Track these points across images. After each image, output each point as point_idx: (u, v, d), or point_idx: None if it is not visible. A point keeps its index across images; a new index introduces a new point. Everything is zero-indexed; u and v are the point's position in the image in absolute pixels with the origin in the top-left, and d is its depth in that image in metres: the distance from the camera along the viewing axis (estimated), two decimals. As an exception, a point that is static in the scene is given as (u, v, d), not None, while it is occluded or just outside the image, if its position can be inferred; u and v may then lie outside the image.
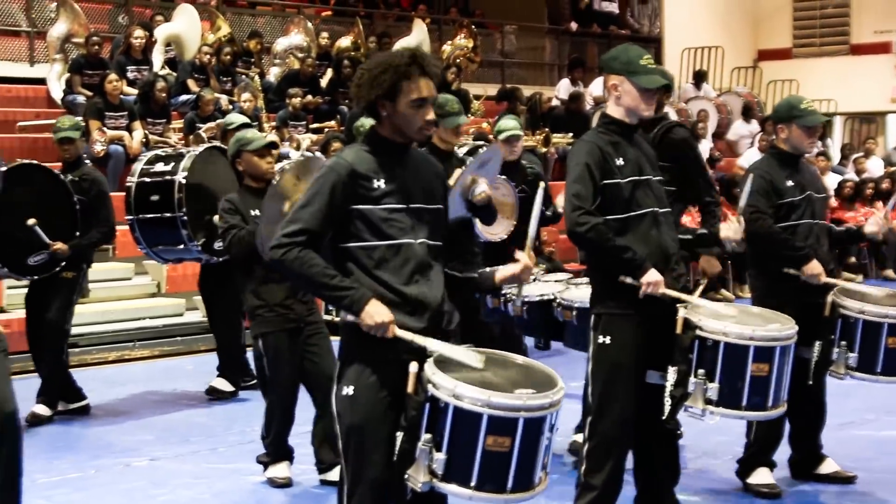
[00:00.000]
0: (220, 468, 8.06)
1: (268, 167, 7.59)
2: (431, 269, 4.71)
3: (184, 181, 9.49)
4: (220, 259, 9.64)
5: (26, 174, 8.91)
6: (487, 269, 5.00)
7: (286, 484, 7.51)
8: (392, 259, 4.61)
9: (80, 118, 11.55)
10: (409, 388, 4.49)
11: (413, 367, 4.50)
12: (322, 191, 4.59)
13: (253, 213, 7.42)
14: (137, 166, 9.97)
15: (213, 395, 10.30)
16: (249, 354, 10.04)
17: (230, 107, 15.83)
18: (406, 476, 4.46)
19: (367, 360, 4.62)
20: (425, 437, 4.44)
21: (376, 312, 4.49)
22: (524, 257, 4.89)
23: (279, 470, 7.56)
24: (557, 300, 7.75)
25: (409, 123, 4.66)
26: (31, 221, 8.86)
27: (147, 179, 9.73)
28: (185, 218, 9.42)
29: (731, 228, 6.67)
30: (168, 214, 9.53)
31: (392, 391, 4.57)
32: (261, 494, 7.47)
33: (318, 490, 7.44)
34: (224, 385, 10.32)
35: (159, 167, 9.77)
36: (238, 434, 8.90)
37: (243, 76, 17.64)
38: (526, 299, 7.84)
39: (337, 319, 7.96)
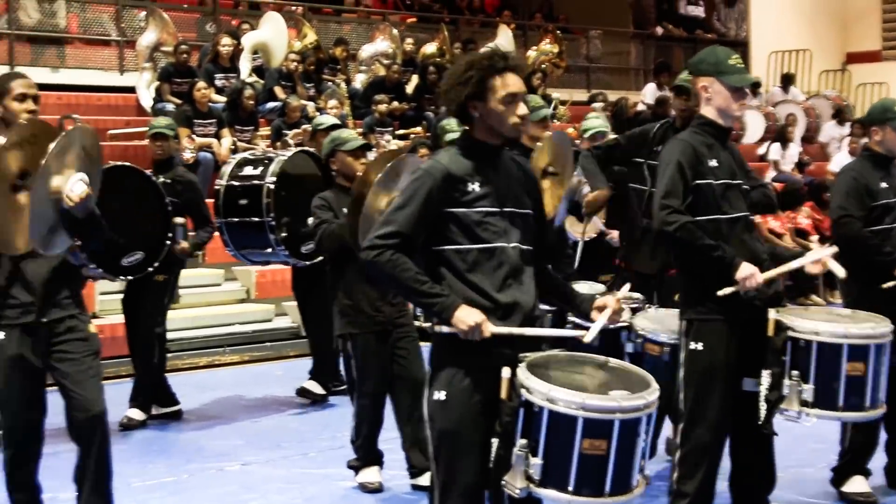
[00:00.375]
0: (311, 473, 8.08)
1: (361, 168, 7.65)
2: (524, 273, 4.69)
3: (272, 186, 9.54)
4: (308, 263, 9.71)
5: (118, 176, 8.97)
6: (586, 296, 4.94)
7: (377, 489, 7.53)
8: (485, 263, 4.60)
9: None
10: (503, 394, 4.47)
11: (506, 372, 4.47)
12: (417, 194, 4.59)
13: (345, 210, 7.46)
14: (226, 169, 10.03)
15: (305, 397, 10.35)
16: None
17: (317, 114, 15.91)
18: (503, 482, 4.45)
19: (460, 365, 4.60)
20: (521, 442, 4.42)
21: (467, 316, 4.47)
22: (613, 301, 4.81)
23: (370, 474, 7.57)
24: (637, 331, 6.93)
25: (502, 120, 4.63)
26: (179, 220, 9.11)
27: (236, 183, 9.79)
28: (273, 223, 9.48)
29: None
30: (256, 219, 9.59)
31: (484, 396, 4.55)
32: (352, 499, 7.49)
33: (410, 495, 7.45)
34: (316, 388, 10.36)
35: (248, 171, 9.83)
36: (329, 439, 8.93)
37: (329, 83, 17.74)
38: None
39: (426, 325, 8.02)
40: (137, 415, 9.47)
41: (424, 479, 7.20)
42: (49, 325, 5.89)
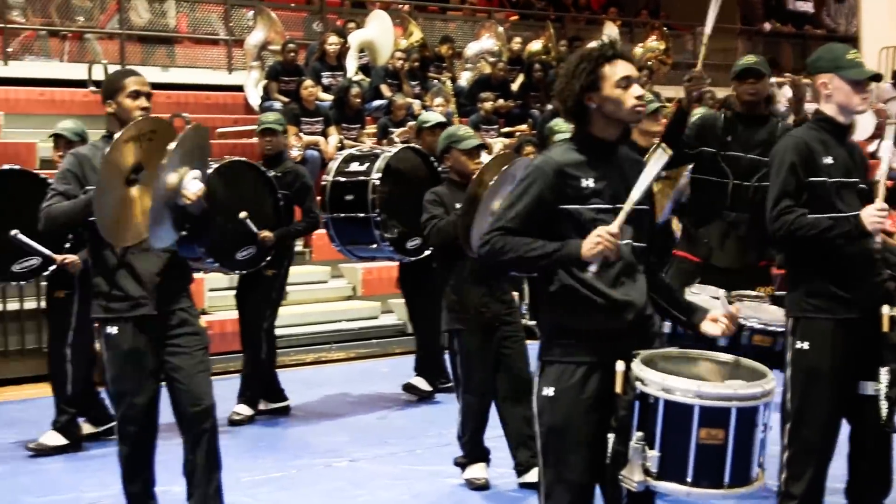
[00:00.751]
0: (418, 470, 8.11)
1: (474, 167, 7.65)
2: (636, 271, 4.64)
3: (378, 182, 9.59)
4: (413, 259, 9.74)
5: (233, 171, 9.09)
6: (699, 310, 4.85)
7: (484, 486, 7.53)
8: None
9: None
10: (618, 388, 4.43)
11: (620, 366, 4.44)
12: (529, 190, 4.56)
13: (457, 205, 7.48)
14: (333, 164, 10.09)
15: (411, 393, 10.38)
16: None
17: (422, 112, 15.96)
18: (620, 477, 4.41)
19: (568, 361, 4.58)
20: (637, 435, 4.37)
21: (589, 242, 4.37)
22: (728, 314, 4.75)
23: (476, 471, 7.58)
24: None
25: (620, 105, 4.57)
26: (242, 214, 9.03)
27: (342, 179, 9.85)
28: (379, 219, 9.53)
29: None
30: (362, 214, 9.65)
31: (593, 392, 4.53)
32: (459, 496, 7.50)
33: (517, 493, 7.43)
34: (422, 384, 10.38)
35: (354, 167, 9.88)
36: (435, 436, 8.94)
37: (435, 81, 17.77)
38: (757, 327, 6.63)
39: (532, 323, 7.99)
40: (245, 410, 9.56)
41: (531, 477, 7.19)
42: (160, 318, 5.96)
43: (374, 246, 9.73)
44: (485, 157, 7.91)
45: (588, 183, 4.56)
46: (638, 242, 4.66)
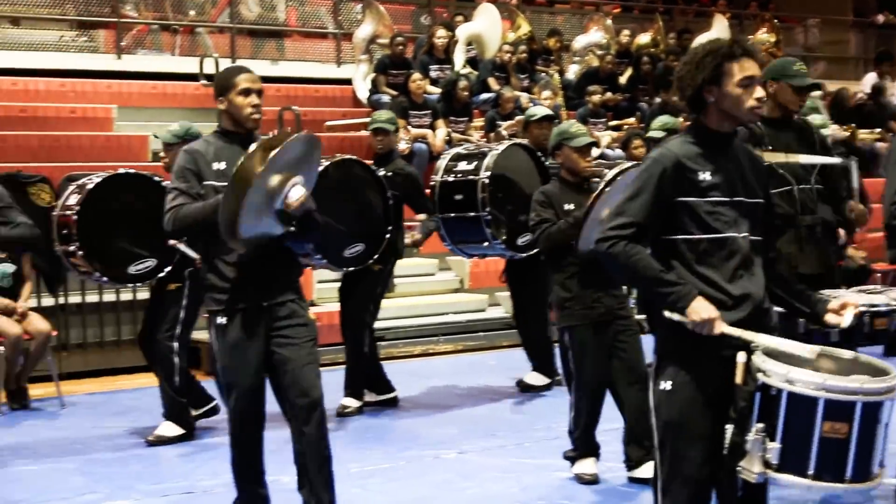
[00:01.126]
0: (526, 463, 8.08)
1: (586, 165, 7.60)
2: (754, 264, 4.61)
3: (487, 181, 9.58)
4: (525, 255, 9.73)
5: (344, 169, 9.14)
6: (821, 301, 4.81)
7: (593, 480, 7.48)
8: (716, 253, 4.54)
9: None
10: (738, 379, 4.39)
11: (741, 356, 4.40)
12: (648, 183, 4.55)
13: (566, 206, 7.44)
14: (441, 164, 10.08)
15: (524, 390, 10.36)
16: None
17: (530, 105, 15.92)
18: (738, 468, 4.37)
19: (687, 355, 4.54)
20: (757, 426, 4.32)
21: (702, 308, 4.40)
22: (853, 299, 4.69)
23: (586, 466, 7.54)
24: None
25: (739, 104, 4.56)
26: (408, 240, 9.60)
27: (450, 178, 9.85)
28: (489, 217, 9.51)
29: None
30: (472, 214, 9.64)
31: (712, 386, 4.50)
32: (568, 490, 7.45)
33: (626, 488, 7.37)
34: (537, 380, 10.36)
35: (462, 166, 9.86)
36: (544, 429, 8.92)
37: (543, 74, 17.73)
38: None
39: (641, 317, 7.94)
40: (352, 402, 9.61)
41: (641, 472, 7.15)
42: (270, 309, 6.00)
43: (486, 244, 9.73)
44: (595, 153, 7.86)
45: (705, 176, 4.56)
46: (755, 236, 4.63)
